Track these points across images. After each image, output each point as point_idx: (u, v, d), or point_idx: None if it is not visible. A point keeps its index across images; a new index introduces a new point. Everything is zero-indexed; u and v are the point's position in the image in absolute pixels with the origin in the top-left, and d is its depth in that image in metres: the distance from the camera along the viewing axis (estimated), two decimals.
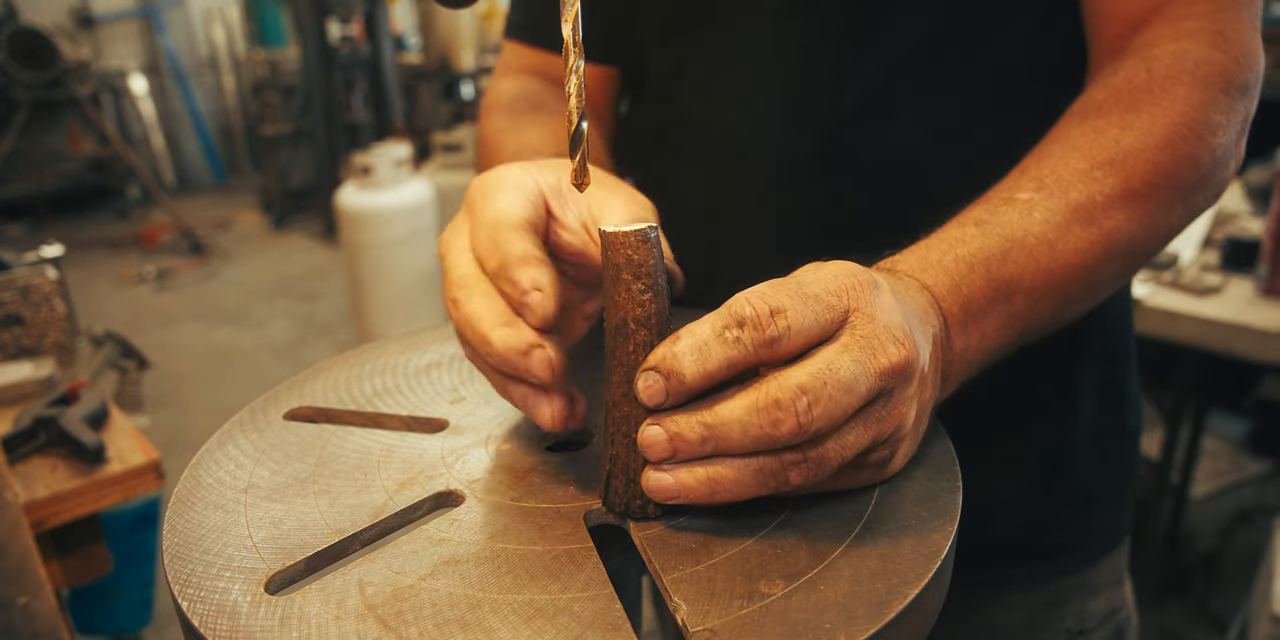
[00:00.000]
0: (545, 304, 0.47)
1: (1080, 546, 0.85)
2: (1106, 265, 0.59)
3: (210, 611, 0.41)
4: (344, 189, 3.96)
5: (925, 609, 0.42)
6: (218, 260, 6.13)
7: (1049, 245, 0.56)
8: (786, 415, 0.41)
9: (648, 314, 0.44)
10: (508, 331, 0.47)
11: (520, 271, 0.48)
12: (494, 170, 0.56)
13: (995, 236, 0.56)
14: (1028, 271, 0.55)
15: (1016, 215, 0.57)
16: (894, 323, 0.44)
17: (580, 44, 0.48)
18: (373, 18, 5.80)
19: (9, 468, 1.03)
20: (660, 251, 0.45)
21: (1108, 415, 0.85)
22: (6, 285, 1.51)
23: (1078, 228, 0.57)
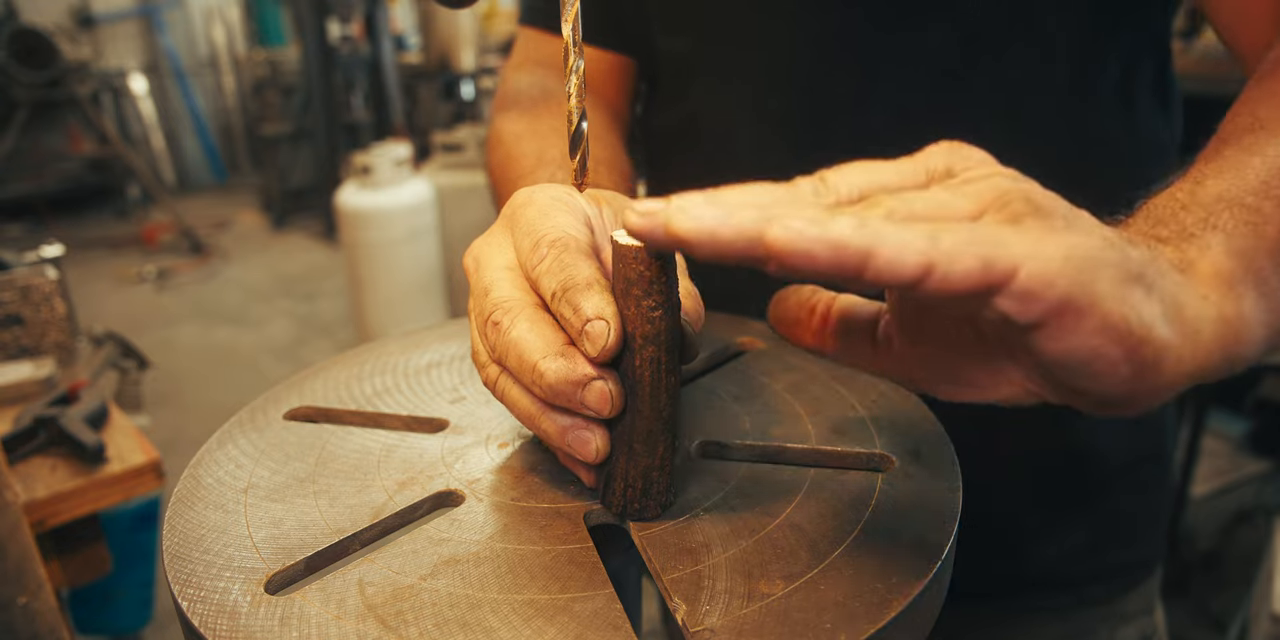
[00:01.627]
0: (608, 335, 0.43)
1: (1112, 576, 0.84)
2: None
3: (210, 611, 0.41)
4: (344, 189, 3.96)
5: (925, 609, 0.42)
6: (218, 260, 6.13)
7: (1265, 162, 0.44)
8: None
9: (657, 331, 0.43)
10: (562, 362, 0.44)
11: (586, 298, 0.44)
12: (541, 188, 0.52)
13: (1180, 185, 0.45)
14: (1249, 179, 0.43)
15: (1203, 170, 0.46)
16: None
17: (580, 44, 0.48)
18: (373, 18, 5.80)
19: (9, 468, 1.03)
20: (674, 267, 0.44)
21: (1141, 442, 0.83)
22: (6, 285, 1.51)
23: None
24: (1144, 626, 0.86)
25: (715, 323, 0.72)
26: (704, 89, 0.79)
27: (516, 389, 0.48)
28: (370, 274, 3.88)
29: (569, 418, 0.46)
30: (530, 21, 0.88)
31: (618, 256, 0.43)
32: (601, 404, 0.44)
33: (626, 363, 0.45)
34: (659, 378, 0.45)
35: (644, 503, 0.47)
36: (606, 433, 0.46)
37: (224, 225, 6.99)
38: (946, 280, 0.31)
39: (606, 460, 0.48)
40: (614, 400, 0.44)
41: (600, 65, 0.86)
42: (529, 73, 0.87)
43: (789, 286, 0.45)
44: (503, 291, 0.48)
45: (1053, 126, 0.71)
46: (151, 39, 7.96)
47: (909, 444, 0.54)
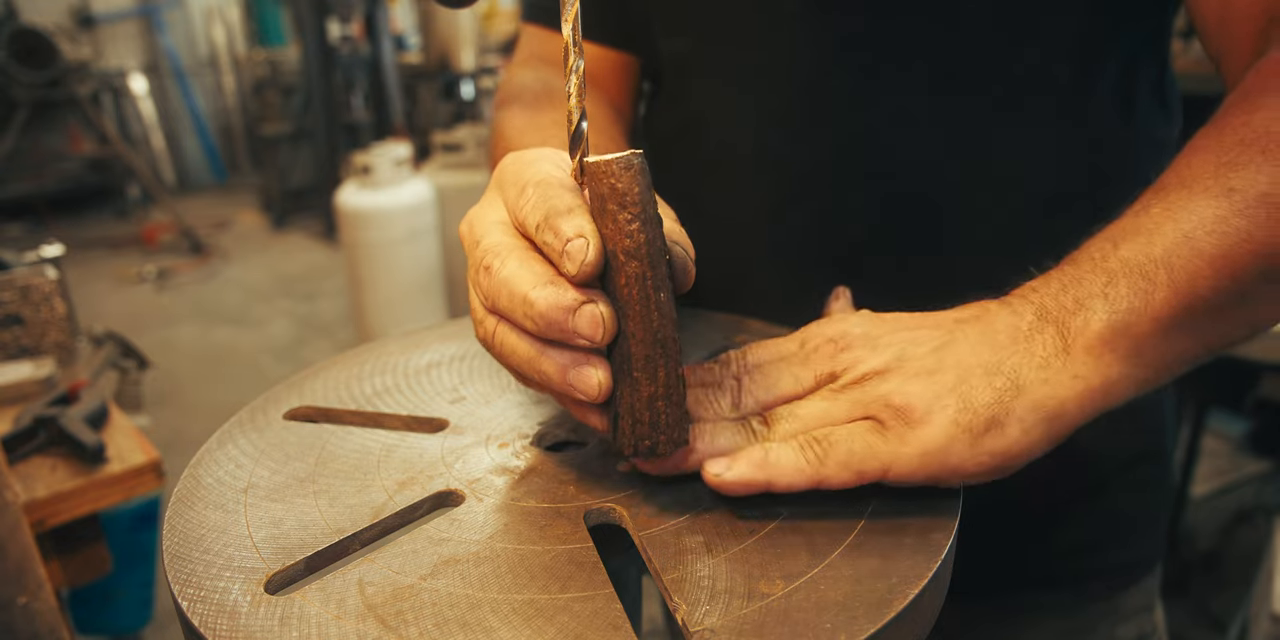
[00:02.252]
0: (587, 250, 0.43)
1: (1112, 573, 0.84)
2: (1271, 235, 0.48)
3: (210, 611, 0.41)
4: (344, 189, 3.96)
5: (925, 609, 0.42)
6: (218, 260, 6.13)
7: (1173, 222, 0.48)
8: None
9: (636, 244, 0.43)
10: (551, 289, 0.44)
11: (565, 220, 0.45)
12: (525, 150, 0.53)
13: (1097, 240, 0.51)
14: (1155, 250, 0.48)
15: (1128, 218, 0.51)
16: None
17: (580, 44, 0.48)
18: (373, 18, 5.80)
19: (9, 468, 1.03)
20: (647, 181, 0.43)
21: (1140, 440, 0.83)
22: (6, 285, 1.51)
23: (1212, 204, 0.48)
24: (1143, 624, 0.86)
25: (715, 323, 0.72)
26: (704, 90, 0.79)
27: (513, 334, 0.48)
28: (370, 274, 3.88)
29: (567, 354, 0.46)
30: (533, 18, 0.88)
31: (589, 176, 0.43)
32: (594, 328, 0.44)
33: (613, 284, 0.44)
34: (646, 295, 0.44)
35: (654, 438, 0.46)
36: (607, 364, 0.46)
37: (224, 225, 6.99)
38: (832, 485, 0.47)
39: (612, 399, 0.47)
40: (605, 323, 0.44)
41: (604, 63, 0.86)
42: (532, 69, 0.86)
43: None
44: (493, 238, 0.49)
45: (1053, 126, 0.71)
46: (151, 39, 7.95)
47: None
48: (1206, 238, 0.47)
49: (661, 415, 0.46)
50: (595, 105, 0.81)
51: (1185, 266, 0.47)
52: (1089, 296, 0.48)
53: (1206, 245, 0.47)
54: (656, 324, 0.44)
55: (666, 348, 0.45)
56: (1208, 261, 0.47)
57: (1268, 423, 3.03)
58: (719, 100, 0.78)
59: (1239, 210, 0.47)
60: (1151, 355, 0.48)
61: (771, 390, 0.52)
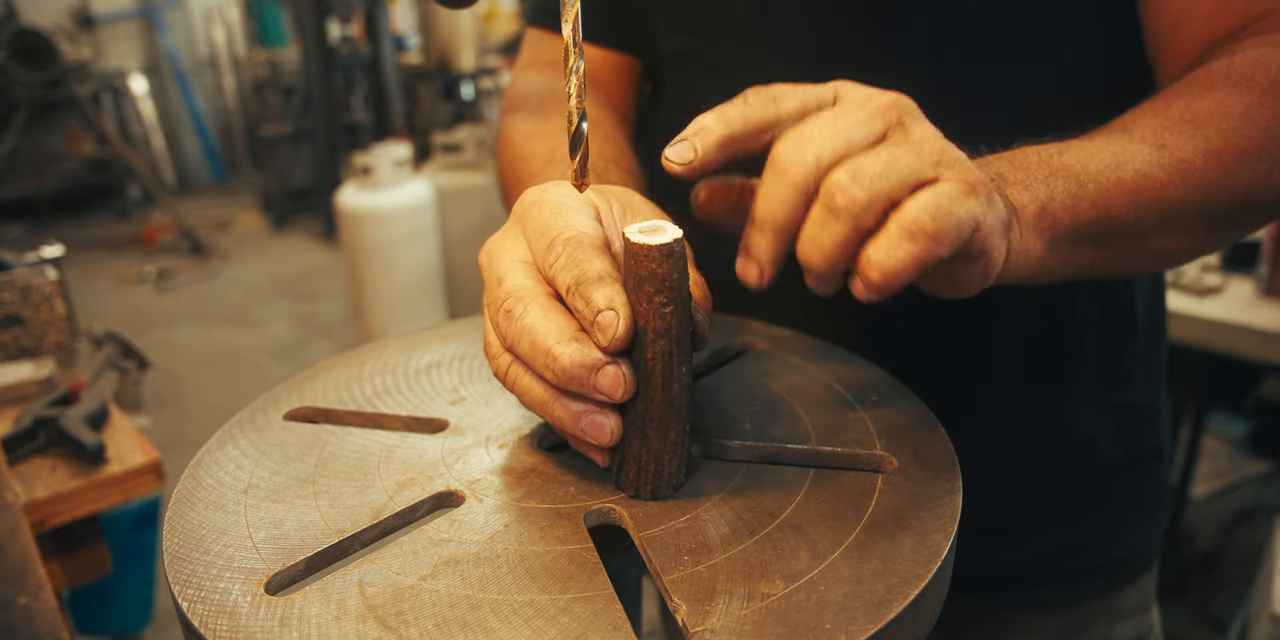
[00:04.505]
0: (617, 325, 0.44)
1: (1107, 571, 0.84)
2: (1181, 192, 0.57)
3: (210, 612, 0.42)
4: (344, 189, 3.96)
5: (925, 609, 0.42)
6: (218, 260, 6.13)
7: (1111, 153, 0.56)
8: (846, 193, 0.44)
9: (668, 326, 0.45)
10: (577, 347, 0.45)
11: (597, 290, 0.45)
12: (550, 186, 0.53)
13: (1050, 144, 0.57)
14: (1091, 163, 0.55)
15: (1075, 140, 0.57)
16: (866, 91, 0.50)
17: (580, 44, 0.48)
18: (373, 18, 5.80)
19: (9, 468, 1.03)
20: (684, 263, 0.45)
21: (1138, 438, 0.83)
22: (6, 285, 1.51)
23: (1144, 148, 0.56)
24: (1140, 624, 0.87)
25: (715, 323, 0.72)
26: (703, 89, 0.80)
27: (528, 377, 0.49)
28: (370, 274, 3.88)
29: (581, 404, 0.47)
30: (537, 22, 0.89)
31: (630, 254, 0.44)
32: (614, 388, 0.45)
33: (639, 355, 0.46)
34: (671, 369, 0.46)
35: (657, 484, 0.49)
36: (619, 416, 0.48)
37: (224, 226, 6.99)
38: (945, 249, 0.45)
39: (620, 443, 0.49)
40: (626, 384, 0.45)
41: (605, 65, 0.87)
42: (537, 73, 0.87)
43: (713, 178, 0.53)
44: (516, 280, 0.49)
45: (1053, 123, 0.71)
46: (151, 39, 7.96)
47: (909, 444, 0.54)
48: (1131, 172, 0.55)
49: (666, 467, 0.49)
50: (598, 108, 0.81)
51: (1108, 187, 0.55)
52: (1034, 180, 0.54)
53: (1129, 177, 0.55)
54: (675, 392, 0.47)
55: (680, 412, 0.48)
56: (1125, 191, 0.55)
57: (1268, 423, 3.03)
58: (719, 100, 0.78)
59: (1161, 164, 0.56)
60: (1060, 249, 0.55)
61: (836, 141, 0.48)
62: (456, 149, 4.27)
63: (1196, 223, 0.60)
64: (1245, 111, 0.57)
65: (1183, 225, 0.60)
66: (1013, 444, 0.79)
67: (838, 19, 0.71)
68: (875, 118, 0.47)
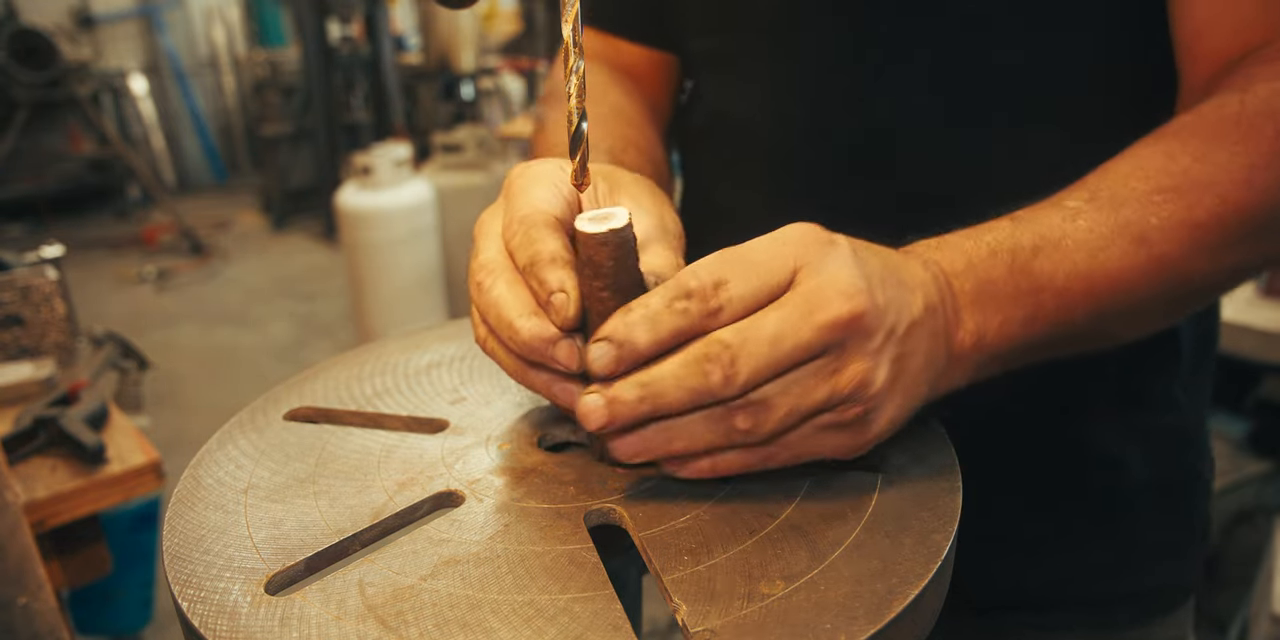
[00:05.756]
0: (568, 307, 0.47)
1: (1136, 600, 0.81)
2: (1154, 290, 0.55)
3: (210, 612, 0.42)
4: (344, 189, 3.96)
5: (925, 609, 0.42)
6: (218, 260, 6.13)
7: (1088, 252, 0.53)
8: (714, 366, 0.43)
9: (606, 309, 0.47)
10: (536, 320, 0.48)
11: (549, 271, 0.48)
12: (535, 162, 0.56)
13: (1028, 232, 0.54)
14: (1061, 271, 0.53)
15: (1058, 218, 0.54)
16: (843, 276, 0.45)
17: (580, 44, 0.48)
18: (373, 18, 5.80)
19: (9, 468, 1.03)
20: (624, 252, 0.47)
21: (1170, 458, 0.79)
22: (6, 285, 1.51)
23: (1123, 243, 0.53)
24: None
25: None
26: (725, 88, 0.80)
27: (501, 349, 0.52)
28: (370, 274, 3.88)
29: (547, 373, 0.50)
30: None
31: (577, 241, 0.47)
32: (570, 359, 0.48)
33: (590, 328, 0.48)
34: None
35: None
36: (583, 384, 0.49)
37: (224, 226, 6.99)
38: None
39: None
40: (581, 357, 0.48)
41: (644, 61, 0.88)
42: None
43: None
44: (489, 254, 0.52)
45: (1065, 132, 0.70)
46: (151, 39, 7.95)
47: (909, 444, 0.54)
48: (1103, 276, 0.53)
49: None
50: (629, 97, 0.83)
51: (1075, 297, 0.53)
52: (993, 300, 0.52)
53: (1099, 283, 0.53)
54: None
55: None
56: (1093, 298, 0.53)
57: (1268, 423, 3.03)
58: (736, 98, 0.79)
59: (1139, 262, 0.53)
60: (995, 365, 0.54)
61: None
62: (456, 149, 4.27)
63: (1167, 310, 0.59)
64: (1248, 177, 0.54)
65: (1150, 316, 0.59)
66: (1036, 464, 0.77)
67: (848, 18, 0.70)
68: (821, 338, 0.44)
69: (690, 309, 0.44)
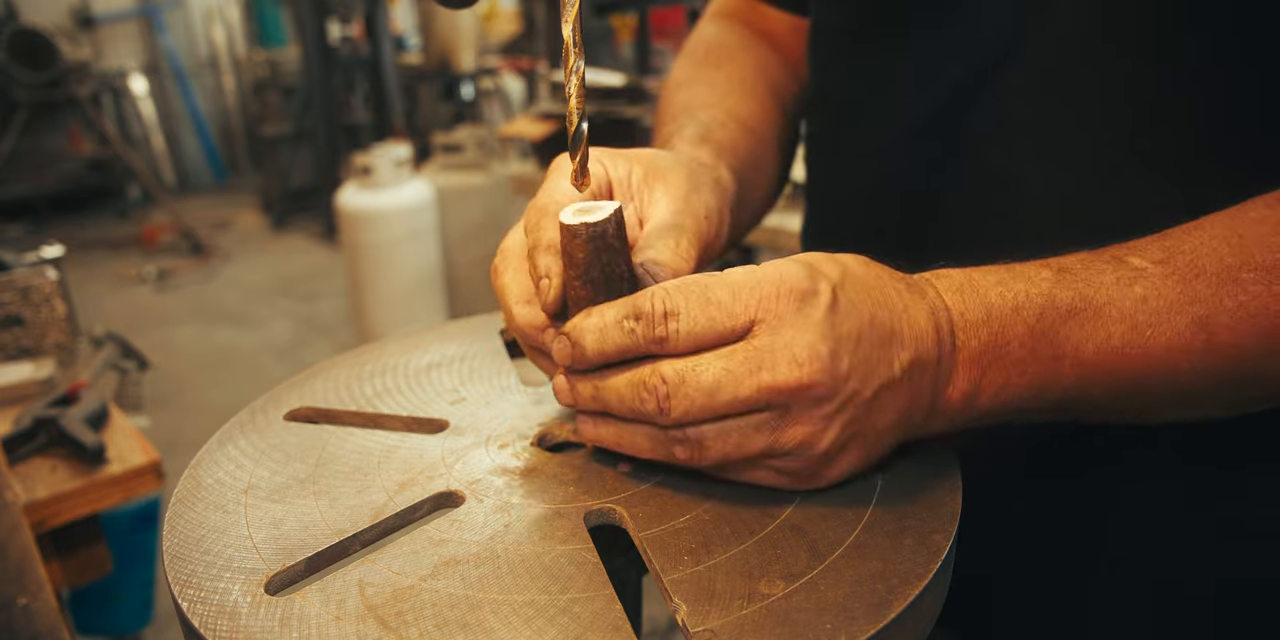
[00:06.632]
0: (549, 292, 0.51)
1: None
2: (1210, 383, 0.48)
3: (210, 612, 0.42)
4: (344, 189, 3.96)
5: (925, 609, 0.42)
6: (218, 260, 6.13)
7: (1132, 326, 0.47)
8: (650, 397, 0.45)
9: (579, 298, 0.50)
10: (528, 309, 0.53)
11: (541, 257, 0.51)
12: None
13: (1069, 291, 0.48)
14: (1091, 342, 0.47)
15: (1112, 278, 0.48)
16: (800, 342, 0.43)
17: (580, 44, 0.48)
18: (373, 18, 5.79)
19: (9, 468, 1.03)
20: (600, 247, 0.48)
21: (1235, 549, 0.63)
22: (6, 285, 1.51)
23: (1182, 323, 0.46)
24: None
25: None
26: (821, 64, 0.79)
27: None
28: (370, 274, 3.88)
29: (545, 358, 0.54)
30: None
31: (560, 232, 0.50)
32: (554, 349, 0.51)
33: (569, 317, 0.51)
34: None
35: None
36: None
37: (224, 226, 6.98)
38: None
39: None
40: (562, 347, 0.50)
41: (783, 26, 0.87)
42: (714, 23, 0.89)
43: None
44: (508, 241, 0.57)
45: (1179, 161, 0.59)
46: (151, 39, 7.95)
47: (909, 445, 0.54)
48: (1140, 354, 0.47)
49: None
50: (759, 67, 0.83)
51: (1100, 372, 0.48)
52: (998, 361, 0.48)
53: (1137, 365, 0.47)
54: None
55: None
56: (1121, 378, 0.48)
57: None
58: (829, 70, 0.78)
59: (1195, 352, 0.47)
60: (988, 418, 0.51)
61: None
62: (456, 149, 4.27)
63: (1229, 405, 0.52)
64: None
65: (1202, 407, 0.52)
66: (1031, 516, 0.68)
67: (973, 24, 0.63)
68: (761, 398, 0.44)
69: (637, 331, 0.45)
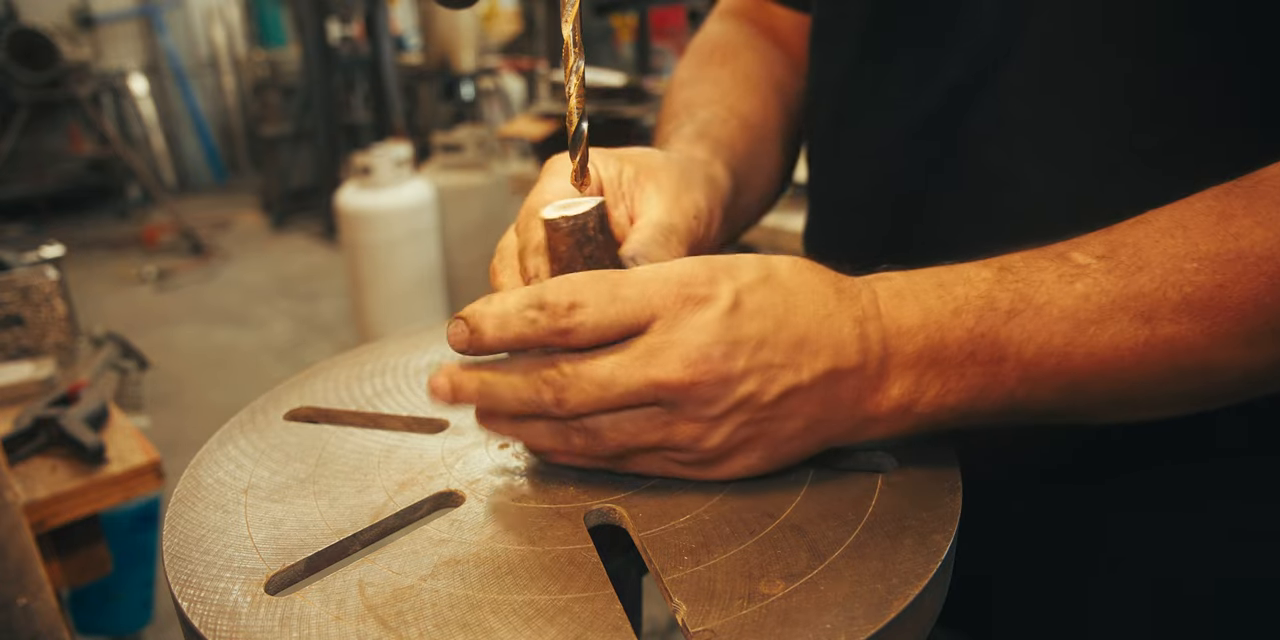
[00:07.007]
0: None
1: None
2: (1157, 378, 0.47)
3: (210, 612, 0.42)
4: (344, 189, 3.96)
5: (925, 609, 0.42)
6: (218, 260, 6.13)
7: (1074, 324, 0.46)
8: (547, 388, 0.46)
9: None
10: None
11: (530, 258, 0.53)
12: (561, 156, 0.57)
13: (1009, 291, 0.47)
14: (1033, 342, 0.47)
15: (1054, 276, 0.47)
16: (693, 342, 0.44)
17: (580, 44, 0.48)
18: (373, 18, 5.79)
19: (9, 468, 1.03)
20: (580, 241, 0.49)
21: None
22: (7, 285, 1.51)
23: (1124, 319, 0.46)
24: None
25: None
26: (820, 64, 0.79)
27: None
28: (370, 274, 3.88)
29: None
30: None
31: (544, 227, 0.51)
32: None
33: None
34: None
35: None
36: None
37: (224, 226, 6.98)
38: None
39: None
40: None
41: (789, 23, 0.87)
42: (721, 21, 0.89)
43: None
44: (503, 241, 0.58)
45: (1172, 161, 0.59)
46: (151, 39, 7.95)
47: (909, 444, 0.54)
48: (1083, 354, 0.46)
49: None
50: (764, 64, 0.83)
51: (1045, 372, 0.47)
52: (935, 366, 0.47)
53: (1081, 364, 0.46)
54: None
55: None
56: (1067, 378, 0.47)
57: None
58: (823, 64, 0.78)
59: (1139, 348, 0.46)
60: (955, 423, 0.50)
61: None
62: (456, 149, 4.27)
63: (1186, 402, 0.51)
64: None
65: (1155, 406, 0.51)
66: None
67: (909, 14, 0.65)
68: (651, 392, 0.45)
69: (539, 321, 0.45)
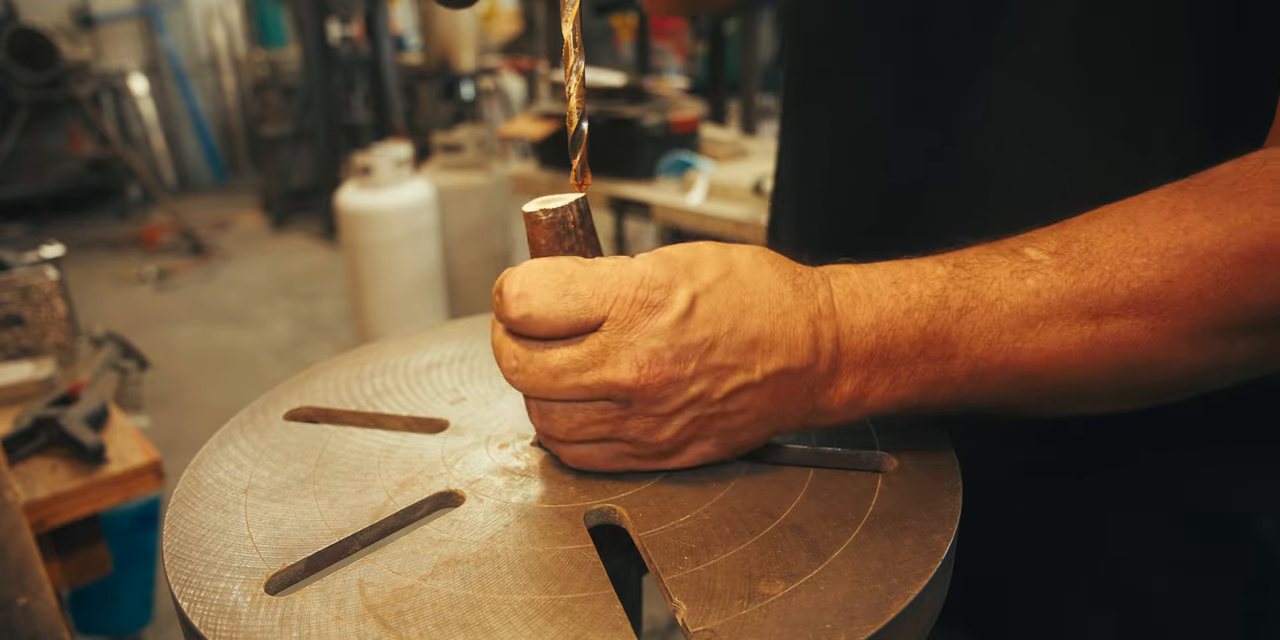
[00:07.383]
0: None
1: None
2: (1101, 373, 0.48)
3: (210, 612, 0.42)
4: (344, 189, 3.96)
5: (925, 609, 0.42)
6: (218, 260, 6.12)
7: (1023, 320, 0.47)
8: (508, 362, 0.48)
9: None
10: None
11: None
12: None
13: (961, 289, 0.48)
14: (982, 339, 0.47)
15: (1006, 272, 0.48)
16: (642, 347, 0.45)
17: (580, 44, 0.48)
18: (373, 18, 5.79)
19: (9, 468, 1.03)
20: (559, 234, 0.50)
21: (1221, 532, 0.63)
22: (7, 285, 1.51)
23: (1071, 315, 0.47)
24: None
25: None
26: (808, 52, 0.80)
27: None
28: (370, 274, 3.88)
29: None
30: None
31: (525, 221, 0.52)
32: None
33: None
34: None
35: None
36: None
37: (224, 226, 6.98)
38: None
39: None
40: None
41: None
42: None
43: None
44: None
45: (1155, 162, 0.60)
46: (151, 39, 7.95)
47: (909, 444, 0.54)
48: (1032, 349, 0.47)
49: None
50: None
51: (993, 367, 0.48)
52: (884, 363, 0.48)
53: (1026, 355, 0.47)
54: None
55: None
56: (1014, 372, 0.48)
57: None
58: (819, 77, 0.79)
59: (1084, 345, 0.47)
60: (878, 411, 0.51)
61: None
62: (456, 149, 4.27)
63: (1136, 398, 0.51)
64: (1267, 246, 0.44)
65: (1103, 402, 0.52)
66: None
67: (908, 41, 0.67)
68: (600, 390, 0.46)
69: (495, 304, 0.47)
